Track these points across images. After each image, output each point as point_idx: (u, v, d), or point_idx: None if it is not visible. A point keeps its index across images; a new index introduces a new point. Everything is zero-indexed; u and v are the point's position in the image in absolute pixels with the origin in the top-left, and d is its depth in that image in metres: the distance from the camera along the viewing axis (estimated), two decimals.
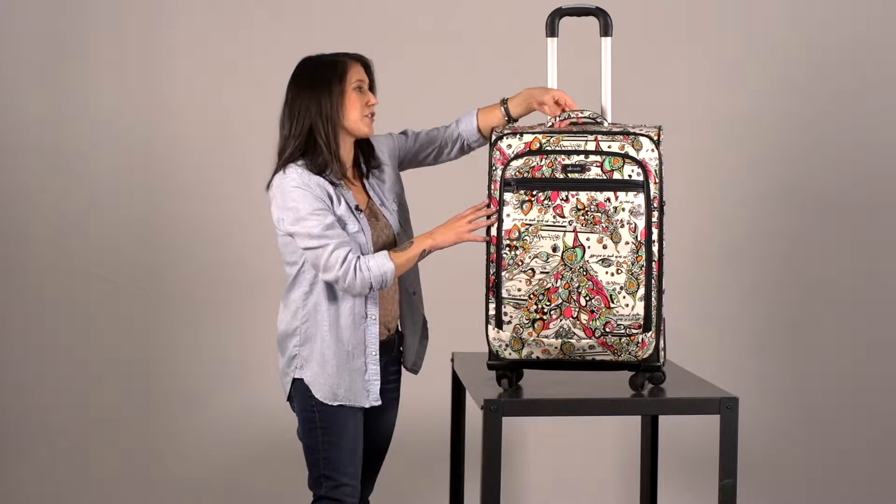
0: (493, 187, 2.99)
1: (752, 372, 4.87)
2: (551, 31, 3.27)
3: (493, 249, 2.99)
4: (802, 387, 4.90)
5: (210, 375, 4.84)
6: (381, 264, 3.12)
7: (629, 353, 2.98)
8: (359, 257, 3.11)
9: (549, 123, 3.11)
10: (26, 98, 4.77)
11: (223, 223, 4.82)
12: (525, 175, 2.96)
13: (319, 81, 3.18)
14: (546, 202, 2.95)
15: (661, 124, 3.05)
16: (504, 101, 3.33)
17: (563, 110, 3.18)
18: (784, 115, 4.87)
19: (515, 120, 3.33)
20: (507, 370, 3.06)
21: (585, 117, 3.07)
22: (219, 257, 4.83)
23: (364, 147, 3.31)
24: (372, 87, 3.26)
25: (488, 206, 3.02)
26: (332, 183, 3.17)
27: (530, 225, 2.95)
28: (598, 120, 3.07)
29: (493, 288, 2.98)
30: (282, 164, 3.18)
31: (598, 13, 3.23)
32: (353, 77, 3.19)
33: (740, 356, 4.90)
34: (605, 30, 3.23)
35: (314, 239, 3.11)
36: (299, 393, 3.24)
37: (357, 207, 3.21)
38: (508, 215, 2.97)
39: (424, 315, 3.42)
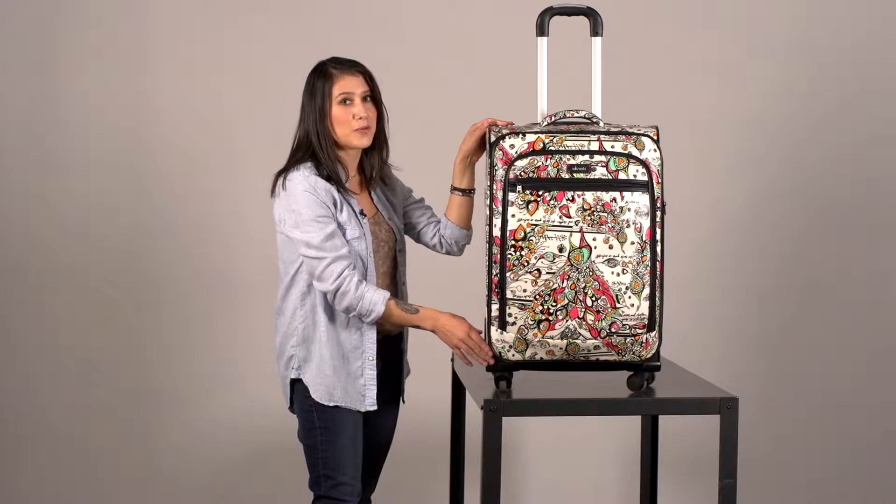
0: (495, 187, 2.96)
1: (752, 372, 4.88)
2: (541, 30, 3.23)
3: (496, 250, 2.95)
4: (802, 387, 4.90)
5: (209, 377, 4.84)
6: (375, 301, 3.11)
7: (633, 353, 2.97)
8: (360, 281, 3.11)
9: (545, 123, 3.08)
10: (16, 98, 4.77)
11: (219, 225, 4.81)
12: (530, 175, 2.94)
13: (313, 95, 3.18)
14: (552, 202, 2.93)
15: (657, 125, 3.03)
16: (452, 188, 3.34)
17: (496, 123, 3.06)
18: (783, 115, 4.87)
19: (472, 190, 3.32)
20: (506, 372, 3.04)
21: (580, 117, 3.05)
22: (218, 259, 4.83)
23: (375, 157, 3.28)
24: (373, 96, 3.22)
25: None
26: (338, 189, 3.17)
27: (536, 225, 2.93)
28: (594, 120, 3.06)
29: (497, 289, 2.95)
30: (292, 164, 3.18)
31: (589, 13, 3.19)
32: (337, 91, 3.16)
33: (740, 356, 4.90)
34: (596, 29, 3.19)
35: (312, 249, 3.11)
36: (298, 394, 3.24)
37: (361, 212, 3.21)
38: (513, 216, 2.93)
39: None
